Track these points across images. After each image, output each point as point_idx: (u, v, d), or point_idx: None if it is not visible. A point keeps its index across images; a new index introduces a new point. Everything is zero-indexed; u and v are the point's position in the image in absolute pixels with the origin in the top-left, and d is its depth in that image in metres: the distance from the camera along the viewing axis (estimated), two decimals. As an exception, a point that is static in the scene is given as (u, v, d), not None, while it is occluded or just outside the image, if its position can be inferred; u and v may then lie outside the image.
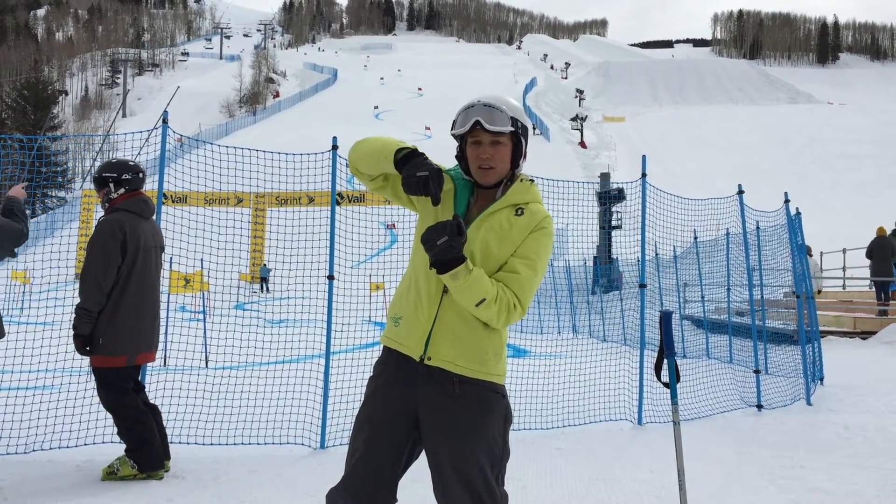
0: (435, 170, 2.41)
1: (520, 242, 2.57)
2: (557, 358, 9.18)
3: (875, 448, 6.35)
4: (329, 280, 6.30)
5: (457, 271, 2.41)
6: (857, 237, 22.91)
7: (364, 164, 2.64)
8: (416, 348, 2.57)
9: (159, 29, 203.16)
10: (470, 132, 2.59)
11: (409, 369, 2.58)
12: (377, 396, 2.64)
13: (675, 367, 3.75)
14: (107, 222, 4.82)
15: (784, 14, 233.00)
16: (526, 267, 2.55)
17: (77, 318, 4.73)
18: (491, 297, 2.45)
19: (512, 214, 2.60)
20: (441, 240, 2.38)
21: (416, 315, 2.59)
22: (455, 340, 2.54)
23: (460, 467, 2.51)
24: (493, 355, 2.59)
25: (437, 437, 2.55)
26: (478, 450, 2.52)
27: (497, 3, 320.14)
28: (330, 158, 6.53)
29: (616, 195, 24.00)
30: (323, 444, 6.01)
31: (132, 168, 4.99)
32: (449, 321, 2.54)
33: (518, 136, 2.62)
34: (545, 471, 5.47)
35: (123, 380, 4.85)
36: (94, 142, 63.97)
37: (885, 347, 14.19)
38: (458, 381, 2.54)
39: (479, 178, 2.61)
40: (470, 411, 2.53)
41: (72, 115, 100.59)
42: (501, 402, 2.62)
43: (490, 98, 2.60)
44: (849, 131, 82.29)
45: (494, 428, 2.57)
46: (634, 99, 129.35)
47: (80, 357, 4.99)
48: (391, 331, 2.68)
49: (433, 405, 2.54)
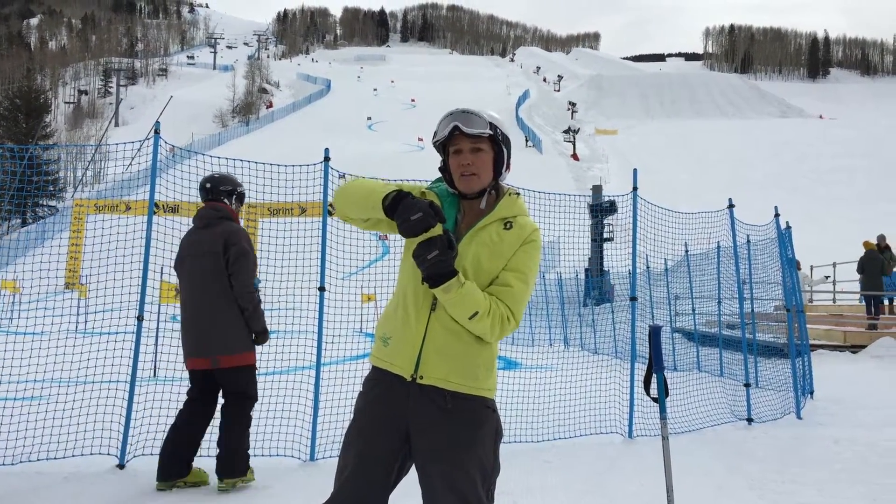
0: (426, 205, 2.39)
1: (510, 256, 2.58)
2: (548, 370, 9.17)
3: (865, 462, 6.37)
4: (320, 291, 6.29)
5: (448, 284, 2.42)
6: (847, 251, 23.03)
7: (353, 211, 2.64)
8: (406, 367, 2.56)
9: (153, 39, 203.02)
10: (450, 140, 2.62)
11: (399, 387, 2.57)
12: (367, 412, 2.62)
13: (665, 382, 3.76)
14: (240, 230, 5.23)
15: (775, 29, 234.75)
16: (518, 280, 2.56)
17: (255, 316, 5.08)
18: (484, 310, 2.47)
19: (501, 228, 2.61)
20: (432, 254, 2.38)
21: (405, 334, 2.58)
22: (446, 357, 2.54)
23: (452, 482, 2.50)
24: (485, 370, 2.59)
25: (429, 452, 2.54)
26: (469, 464, 2.52)
27: (490, 15, 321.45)
28: (322, 169, 6.53)
29: (608, 208, 24.00)
30: (313, 457, 5.99)
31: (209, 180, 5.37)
32: (438, 338, 2.54)
33: (499, 144, 2.65)
34: (535, 484, 5.46)
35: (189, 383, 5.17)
36: (86, 151, 63.84)
37: (875, 361, 14.24)
38: (449, 396, 2.53)
39: (462, 186, 2.63)
40: (462, 426, 2.53)
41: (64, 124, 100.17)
42: (493, 416, 2.62)
43: (468, 106, 2.65)
44: (839, 146, 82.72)
45: (486, 442, 2.57)
46: (627, 112, 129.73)
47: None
48: (380, 350, 2.66)
49: (425, 420, 2.54)
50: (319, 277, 6.33)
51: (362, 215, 2.61)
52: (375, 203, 2.49)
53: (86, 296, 14.37)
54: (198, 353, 5.01)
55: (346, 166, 10.06)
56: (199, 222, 5.19)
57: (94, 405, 5.90)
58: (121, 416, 5.63)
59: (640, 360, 7.68)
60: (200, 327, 5.02)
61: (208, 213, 5.20)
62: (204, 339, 5.00)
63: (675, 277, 16.19)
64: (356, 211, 2.62)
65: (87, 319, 13.00)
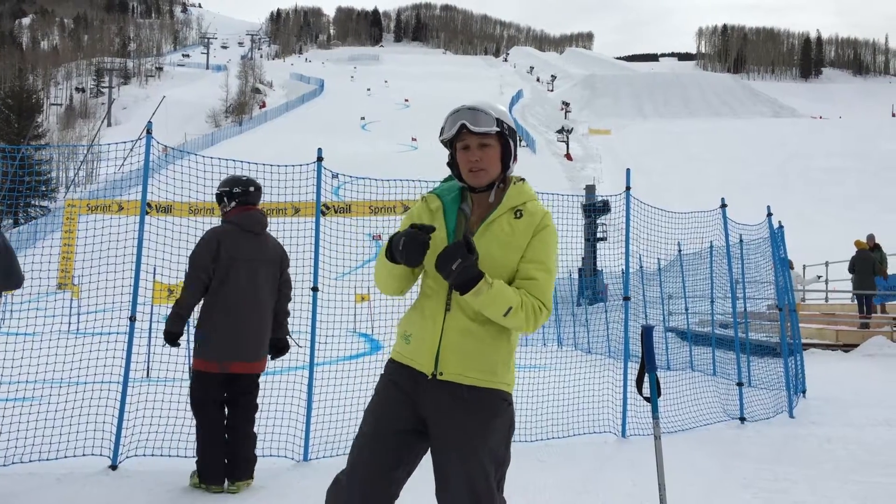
0: (407, 231, 2.48)
1: (525, 245, 2.62)
2: (542, 370, 9.17)
3: (857, 461, 6.39)
4: (313, 291, 6.29)
5: (478, 288, 2.45)
6: (839, 250, 23.10)
7: (393, 286, 2.71)
8: (427, 365, 2.61)
9: (145, 38, 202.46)
10: (458, 137, 2.64)
11: (420, 379, 2.63)
12: (387, 393, 2.69)
13: (657, 382, 3.77)
14: (206, 233, 5.05)
15: (768, 29, 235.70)
16: (540, 271, 2.60)
17: (168, 317, 4.97)
18: (517, 305, 2.51)
19: (512, 218, 2.64)
20: (455, 263, 2.42)
21: (423, 333, 2.64)
22: (463, 355, 2.58)
23: (464, 469, 2.55)
24: (503, 364, 2.63)
25: (445, 438, 2.59)
26: (482, 452, 2.56)
27: (484, 15, 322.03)
28: (315, 170, 6.53)
29: (601, 207, 24.05)
30: (306, 457, 5.98)
31: (243, 182, 5.19)
32: (455, 337, 2.59)
33: (506, 138, 2.67)
34: (529, 483, 5.46)
35: (209, 386, 4.97)
36: (78, 151, 63.63)
37: (867, 360, 14.30)
38: (467, 389, 2.59)
39: (471, 180, 2.66)
40: (477, 415, 2.58)
41: (56, 124, 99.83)
42: (508, 409, 2.66)
43: (475, 102, 2.66)
44: (831, 145, 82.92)
45: (500, 433, 2.62)
46: (620, 112, 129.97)
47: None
48: (402, 347, 2.71)
49: (442, 408, 2.59)
50: (313, 277, 6.32)
51: (400, 279, 2.68)
52: (390, 269, 2.60)
53: (78, 296, 14.33)
54: (254, 356, 5.07)
55: (340, 166, 10.07)
56: (257, 227, 5.16)
57: (86, 406, 5.88)
58: (113, 416, 5.62)
59: (634, 360, 7.69)
60: (262, 332, 5.12)
61: (263, 219, 5.23)
62: (262, 343, 5.13)
63: (668, 277, 16.23)
64: (395, 284, 2.69)
65: (79, 320, 12.95)
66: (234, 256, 4.97)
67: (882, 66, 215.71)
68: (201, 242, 4.98)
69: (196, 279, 4.92)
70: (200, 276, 4.91)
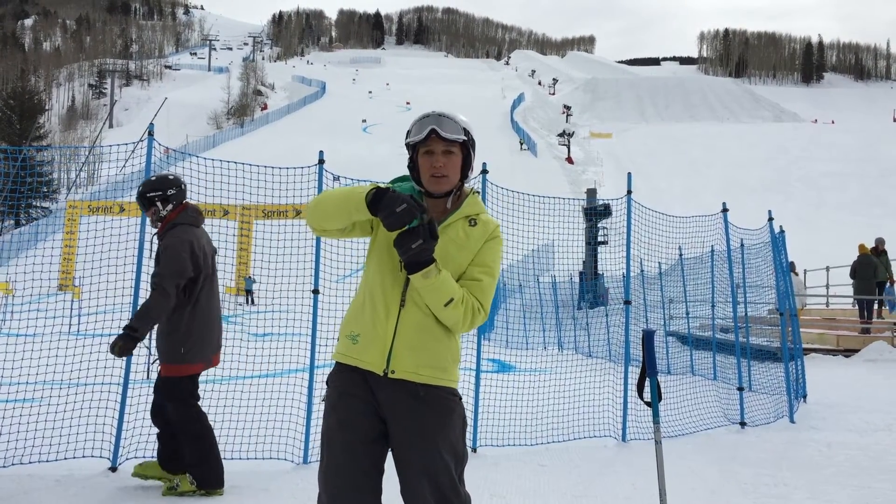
0: (409, 197, 2.51)
1: (476, 250, 2.72)
2: (543, 373, 9.17)
3: (857, 466, 6.38)
4: (314, 294, 6.29)
5: (428, 270, 2.54)
6: (840, 255, 23.09)
7: (332, 221, 2.67)
8: (378, 364, 2.65)
9: (147, 40, 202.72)
10: (423, 142, 2.71)
11: (370, 381, 2.66)
12: (342, 405, 2.70)
13: (658, 386, 3.76)
14: (175, 238, 4.82)
15: (769, 34, 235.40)
16: (485, 274, 2.71)
17: (139, 321, 4.63)
18: (458, 298, 2.61)
19: (466, 225, 2.76)
20: (416, 243, 2.50)
21: (375, 330, 2.67)
22: (416, 352, 2.64)
23: (427, 466, 2.62)
24: (452, 362, 2.73)
25: (405, 439, 2.65)
26: (443, 449, 2.64)
27: (486, 18, 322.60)
28: (317, 172, 6.53)
29: (602, 211, 24.11)
30: (306, 460, 5.98)
31: (174, 182, 5.05)
32: (408, 333, 2.64)
33: (468, 148, 2.76)
34: (529, 487, 5.46)
35: (193, 389, 4.91)
36: (79, 153, 63.65)
37: (867, 365, 14.27)
38: (422, 386, 2.65)
39: (432, 186, 2.72)
40: (434, 413, 2.66)
41: (58, 126, 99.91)
42: (460, 404, 2.77)
43: (444, 110, 2.75)
44: (833, 150, 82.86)
45: (457, 428, 2.72)
46: (621, 115, 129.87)
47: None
48: (348, 348, 2.72)
49: (399, 409, 2.65)
50: (313, 280, 6.32)
51: (343, 222, 2.66)
52: (357, 204, 2.55)
53: (79, 297, 14.34)
54: (220, 345, 5.12)
55: (341, 169, 10.06)
56: (202, 220, 5.13)
57: (86, 407, 5.89)
58: (113, 418, 5.62)
59: (634, 364, 7.68)
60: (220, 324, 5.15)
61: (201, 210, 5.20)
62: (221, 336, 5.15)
63: (669, 281, 16.23)
64: (336, 220, 2.66)
65: (80, 321, 12.95)
66: (206, 252, 4.97)
67: (883, 71, 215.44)
68: (178, 248, 4.77)
69: (176, 286, 4.74)
70: (180, 283, 4.77)
